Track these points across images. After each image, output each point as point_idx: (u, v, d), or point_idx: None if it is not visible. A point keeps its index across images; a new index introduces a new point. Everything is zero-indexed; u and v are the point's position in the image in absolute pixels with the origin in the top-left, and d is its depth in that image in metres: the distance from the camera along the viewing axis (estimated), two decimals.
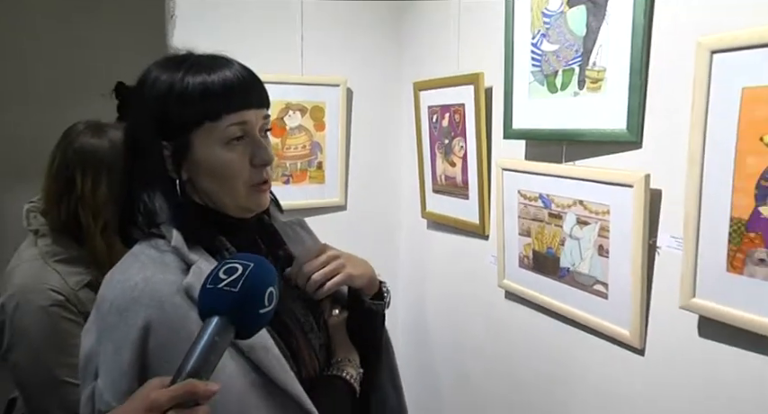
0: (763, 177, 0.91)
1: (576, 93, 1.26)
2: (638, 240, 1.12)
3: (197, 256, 0.79)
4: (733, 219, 0.95)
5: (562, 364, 1.41)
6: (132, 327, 0.73)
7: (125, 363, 0.72)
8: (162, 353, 0.73)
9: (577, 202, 1.28)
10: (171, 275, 0.77)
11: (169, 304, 0.74)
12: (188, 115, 0.78)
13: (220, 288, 0.62)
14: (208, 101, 0.78)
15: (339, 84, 1.99)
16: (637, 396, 1.20)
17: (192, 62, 0.80)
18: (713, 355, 1.04)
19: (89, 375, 0.76)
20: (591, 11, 1.21)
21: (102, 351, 0.75)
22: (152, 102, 0.80)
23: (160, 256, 0.79)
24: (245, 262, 0.64)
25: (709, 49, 0.95)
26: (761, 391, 0.97)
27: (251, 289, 0.62)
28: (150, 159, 0.81)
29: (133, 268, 0.78)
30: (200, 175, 0.82)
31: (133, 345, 0.72)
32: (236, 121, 0.79)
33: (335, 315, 0.98)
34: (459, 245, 1.84)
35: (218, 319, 0.61)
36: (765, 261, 0.92)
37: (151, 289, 0.75)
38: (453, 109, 1.73)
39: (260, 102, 0.83)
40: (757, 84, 0.90)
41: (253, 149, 0.82)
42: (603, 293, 1.23)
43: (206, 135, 0.79)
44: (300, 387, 0.79)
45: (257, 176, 0.83)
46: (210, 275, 0.63)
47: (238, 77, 0.80)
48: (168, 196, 0.82)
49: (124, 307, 0.74)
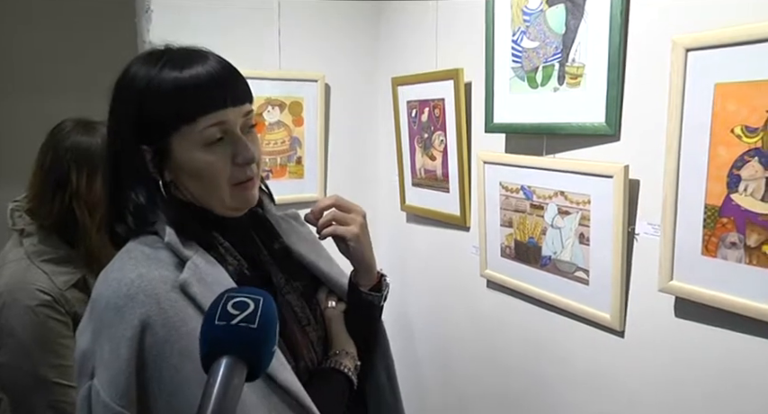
0: (735, 166, 0.98)
1: (556, 88, 1.31)
2: (618, 228, 1.19)
3: (191, 252, 0.78)
4: (707, 205, 1.02)
5: (545, 349, 1.47)
6: (129, 324, 0.72)
7: (123, 360, 0.71)
8: (159, 350, 0.72)
9: (559, 193, 1.33)
10: (166, 271, 0.76)
11: (165, 300, 0.73)
12: (163, 118, 0.76)
13: (235, 325, 0.57)
14: (181, 103, 0.76)
15: (317, 79, 2.00)
16: (618, 376, 1.27)
17: (167, 59, 0.78)
18: (688, 333, 1.11)
19: (85, 374, 0.75)
20: (570, 9, 1.26)
21: (99, 349, 0.73)
22: (129, 101, 0.79)
23: (154, 252, 0.78)
24: (253, 296, 0.60)
25: (684, 47, 1.01)
26: (731, 365, 1.04)
27: (267, 325, 0.58)
28: (132, 161, 0.80)
29: (128, 265, 0.76)
30: (184, 177, 0.80)
31: (130, 342, 0.71)
32: (213, 122, 0.77)
33: (332, 307, 0.98)
34: (439, 237, 1.88)
35: (230, 359, 0.55)
36: (737, 244, 0.99)
37: (147, 285, 0.74)
38: (433, 104, 1.76)
39: (238, 98, 0.79)
40: (729, 80, 0.97)
41: (234, 148, 0.79)
42: (585, 280, 1.30)
43: (184, 139, 0.77)
44: (300, 385, 0.79)
45: (241, 175, 0.81)
46: (216, 311, 0.58)
47: (212, 75, 0.77)
48: (155, 196, 0.80)
49: (121, 304, 0.73)
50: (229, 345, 0.55)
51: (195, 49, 0.81)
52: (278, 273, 0.91)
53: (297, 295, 0.92)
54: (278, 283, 0.90)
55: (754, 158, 0.95)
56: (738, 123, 0.97)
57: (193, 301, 0.75)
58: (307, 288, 0.95)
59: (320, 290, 0.99)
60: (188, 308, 0.74)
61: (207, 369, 0.55)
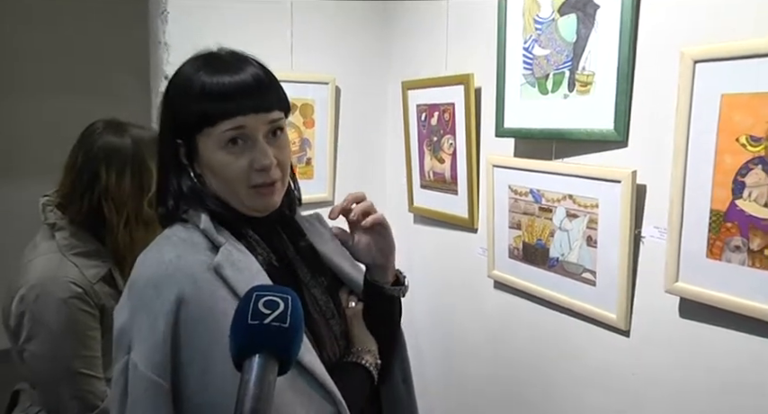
0: (739, 173, 1.03)
1: (567, 95, 1.36)
2: (625, 231, 1.23)
3: (224, 239, 0.84)
4: (713, 210, 1.07)
5: (551, 347, 1.51)
6: (166, 300, 0.77)
7: (159, 334, 0.76)
8: (193, 326, 0.77)
9: (567, 197, 1.38)
10: (201, 255, 0.81)
11: (201, 280, 0.79)
12: (191, 118, 0.83)
13: (268, 324, 0.59)
14: (205, 107, 0.81)
15: (328, 81, 2.04)
16: (623, 375, 1.31)
17: (207, 63, 0.84)
18: (693, 333, 1.16)
19: (122, 349, 0.79)
20: (581, 19, 1.31)
21: (137, 324, 0.78)
22: (170, 97, 0.87)
23: (189, 237, 0.84)
24: (282, 295, 0.61)
25: (692, 58, 1.06)
26: (735, 365, 1.09)
27: (297, 323, 0.60)
28: (170, 153, 0.87)
29: (166, 248, 0.82)
30: (208, 174, 0.86)
31: (167, 316, 0.76)
32: (232, 126, 0.81)
33: (351, 307, 1.02)
34: (446, 238, 1.92)
35: (263, 357, 0.57)
36: (740, 248, 1.04)
37: (184, 265, 0.79)
38: (443, 108, 1.81)
39: (261, 106, 0.83)
40: (735, 91, 1.01)
41: (252, 154, 0.83)
42: (592, 281, 1.34)
43: (207, 138, 0.83)
44: (325, 370, 0.83)
45: (258, 179, 0.84)
46: (247, 310, 0.59)
47: (239, 84, 0.81)
48: (191, 186, 0.87)
49: (159, 282, 0.78)
50: (263, 343, 0.58)
51: (239, 55, 0.86)
52: (303, 268, 0.95)
53: (322, 290, 0.96)
54: (303, 277, 0.94)
55: (757, 166, 1.00)
56: (743, 133, 1.01)
57: (226, 283, 0.79)
58: (331, 284, 0.99)
59: (342, 289, 1.03)
60: (221, 289, 0.79)
61: (239, 366, 0.58)
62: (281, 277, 0.87)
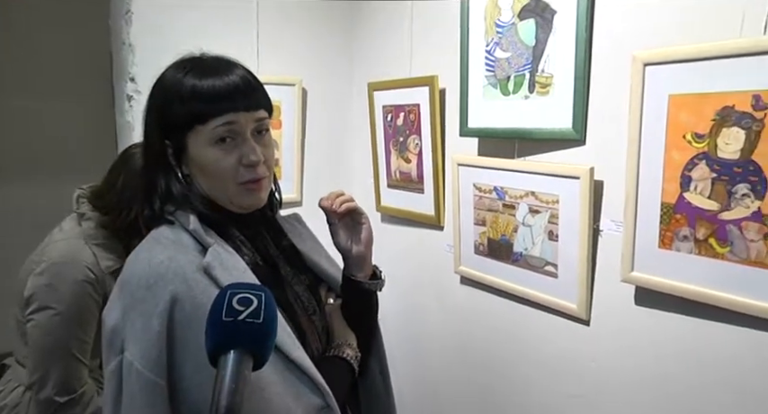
0: (686, 168, 1.10)
1: (527, 96, 1.42)
2: (584, 225, 1.30)
3: (212, 240, 0.86)
4: (663, 203, 1.14)
5: (516, 339, 1.57)
6: (160, 299, 0.78)
7: (155, 332, 0.77)
8: (187, 325, 0.78)
9: (529, 193, 1.44)
10: (190, 256, 0.83)
11: (192, 280, 0.81)
12: (180, 118, 0.85)
13: (242, 320, 0.60)
14: (196, 106, 0.84)
15: (294, 83, 2.06)
16: (584, 361, 1.38)
17: (194, 66, 0.87)
18: (647, 319, 1.23)
19: (114, 350, 0.80)
20: (539, 24, 1.37)
21: (129, 325, 0.79)
22: (157, 102, 0.88)
23: (178, 238, 0.86)
24: (255, 292, 0.63)
25: (642, 61, 1.13)
26: (686, 347, 1.16)
27: (270, 318, 0.62)
28: (158, 155, 0.88)
29: (156, 248, 0.84)
30: (196, 172, 0.88)
31: (162, 315, 0.77)
32: (222, 122, 0.84)
33: (330, 303, 1.05)
34: (414, 236, 1.97)
35: (238, 353, 0.59)
36: (688, 238, 1.12)
37: (176, 266, 0.81)
38: (408, 109, 1.85)
39: (250, 105, 0.87)
40: (681, 92, 1.09)
41: (241, 150, 0.86)
42: (554, 273, 1.40)
43: (197, 136, 0.85)
44: (312, 364, 0.86)
45: (246, 175, 0.87)
46: (221, 307, 0.61)
47: (228, 85, 0.84)
48: (178, 186, 0.89)
49: (152, 282, 0.79)
50: (238, 339, 0.59)
51: (225, 59, 0.89)
52: (286, 266, 0.98)
53: (304, 287, 0.99)
54: (287, 275, 0.97)
55: (702, 161, 1.08)
56: (689, 130, 1.09)
57: (216, 283, 0.81)
58: (312, 282, 1.02)
59: (320, 286, 1.06)
60: (212, 288, 0.81)
61: (214, 362, 0.60)
62: (265, 276, 0.90)
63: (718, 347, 1.11)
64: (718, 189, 1.06)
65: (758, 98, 0.99)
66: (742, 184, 1.03)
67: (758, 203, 1.01)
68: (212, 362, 0.60)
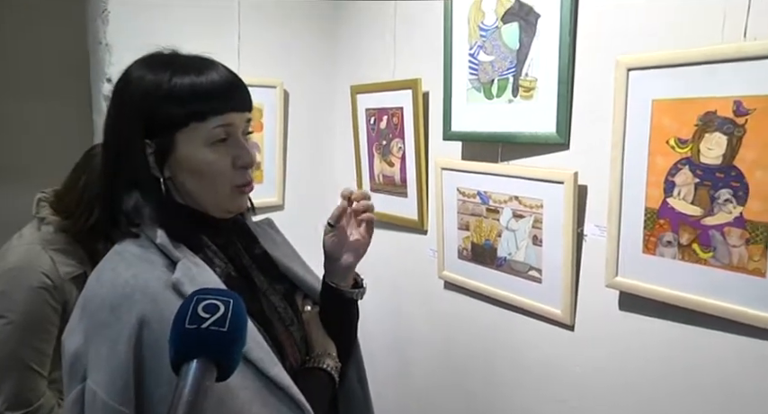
0: (670, 173, 1.10)
1: (511, 100, 1.41)
2: (568, 230, 1.29)
3: (181, 254, 0.80)
4: (647, 208, 1.14)
5: (500, 344, 1.56)
6: (127, 323, 0.73)
7: (122, 360, 0.72)
8: (156, 346, 0.73)
9: (513, 198, 1.43)
10: (158, 272, 0.78)
11: (161, 299, 0.75)
12: (175, 115, 0.80)
13: (206, 328, 0.57)
14: (196, 102, 0.80)
15: (276, 85, 2.03)
16: (568, 367, 1.37)
17: (181, 63, 0.82)
18: (631, 324, 1.23)
19: (76, 376, 0.75)
20: (523, 27, 1.36)
21: (94, 350, 0.74)
22: (137, 100, 0.81)
23: (144, 253, 0.80)
24: (223, 298, 0.60)
25: (626, 66, 1.13)
26: (669, 352, 1.16)
27: (237, 327, 0.59)
28: (133, 157, 0.82)
29: (120, 266, 0.78)
30: (183, 174, 0.83)
31: (129, 340, 0.72)
32: (222, 123, 0.81)
33: (308, 310, 1.02)
34: (397, 240, 1.95)
35: (200, 362, 0.56)
36: (672, 243, 1.11)
37: (142, 284, 0.75)
38: (391, 112, 1.83)
39: (244, 105, 0.85)
40: (665, 97, 1.09)
41: (236, 151, 0.83)
42: (538, 278, 1.40)
43: (191, 135, 0.80)
44: (290, 380, 0.82)
45: (240, 178, 0.85)
46: (186, 314, 0.58)
47: (225, 80, 0.82)
48: (150, 195, 0.82)
49: (117, 304, 0.74)
50: (200, 348, 0.56)
51: (206, 57, 0.85)
52: (260, 276, 0.94)
53: (279, 297, 0.95)
54: (261, 285, 0.93)
55: (685, 167, 1.08)
56: (672, 135, 1.09)
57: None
58: (288, 291, 0.99)
59: (296, 293, 1.03)
60: None
61: (177, 371, 0.56)
62: (239, 288, 0.85)
63: (702, 352, 1.11)
64: (701, 194, 1.06)
65: (739, 104, 0.99)
66: (724, 190, 1.03)
67: (740, 209, 1.01)
68: (175, 371, 0.57)
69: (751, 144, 0.98)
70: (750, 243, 1.00)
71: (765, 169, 0.97)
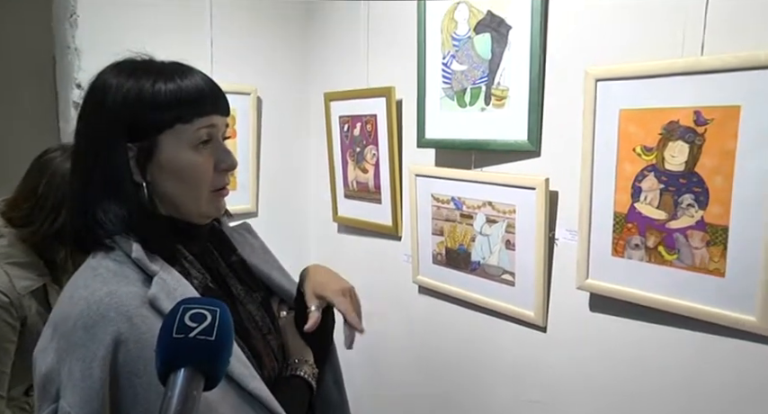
0: (637, 179, 1.15)
1: (484, 108, 1.45)
2: (540, 234, 1.33)
3: (158, 267, 0.79)
4: (616, 213, 1.19)
5: (475, 347, 1.59)
6: (101, 342, 0.71)
7: (96, 380, 0.70)
8: (132, 366, 0.72)
9: (486, 204, 1.47)
10: (134, 287, 0.76)
11: (137, 316, 0.74)
12: (161, 118, 0.79)
13: (193, 337, 0.57)
14: (182, 105, 0.79)
15: (249, 92, 2.02)
16: (541, 367, 1.41)
17: (162, 69, 0.82)
18: (602, 325, 1.27)
19: (48, 397, 0.73)
20: (495, 38, 1.41)
21: (67, 370, 0.72)
22: (119, 106, 0.79)
23: (119, 268, 0.78)
24: (210, 307, 0.60)
25: (594, 77, 1.18)
26: (638, 351, 1.21)
27: (224, 336, 0.59)
28: (113, 163, 0.80)
29: (95, 283, 0.76)
30: (165, 177, 0.82)
31: (104, 360, 0.71)
32: (206, 124, 0.81)
33: (283, 316, 1.02)
34: (371, 246, 1.96)
35: (188, 371, 0.56)
36: (639, 246, 1.17)
37: (117, 302, 0.74)
38: (365, 119, 1.85)
39: (225, 109, 0.86)
40: (631, 106, 1.14)
41: (218, 154, 0.83)
42: (511, 282, 1.43)
43: (175, 136, 0.80)
44: (270, 393, 0.82)
45: (220, 181, 0.85)
46: (173, 323, 0.58)
47: (207, 84, 0.83)
48: (129, 202, 0.81)
49: (91, 323, 0.72)
50: (188, 357, 0.56)
51: (184, 64, 0.85)
52: (237, 284, 0.94)
53: (257, 305, 0.95)
54: (238, 294, 0.93)
55: (651, 173, 1.13)
56: (638, 143, 1.14)
57: (164, 316, 0.74)
58: (265, 298, 0.99)
59: (272, 299, 1.03)
60: (159, 323, 0.74)
61: (164, 380, 0.56)
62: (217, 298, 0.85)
63: (668, 350, 1.16)
64: (665, 199, 1.11)
65: (699, 114, 1.05)
66: (687, 195, 1.09)
67: (701, 213, 1.07)
68: (162, 381, 0.57)
69: (710, 152, 1.04)
70: (710, 245, 1.06)
71: (724, 175, 1.03)
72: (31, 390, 1.32)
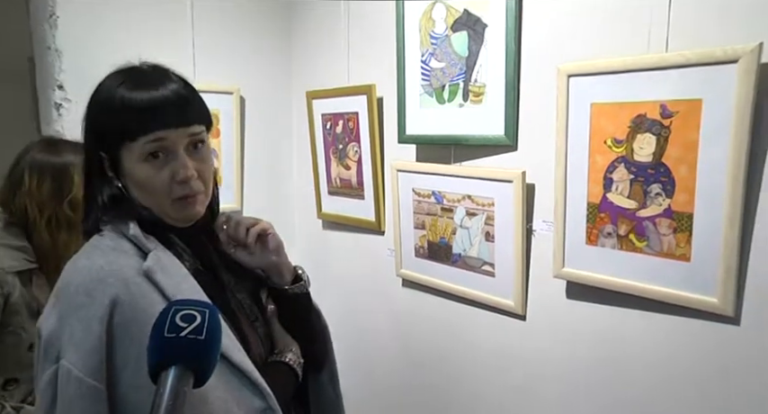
0: (608, 170, 1.20)
1: (462, 104, 1.49)
2: (518, 226, 1.38)
3: (153, 245, 0.85)
4: (589, 203, 1.24)
5: (457, 337, 1.64)
6: (100, 303, 0.77)
7: (95, 337, 0.76)
8: (126, 329, 0.77)
9: (466, 197, 1.51)
10: (131, 260, 0.82)
11: (133, 284, 0.80)
12: (112, 132, 0.83)
13: (183, 336, 0.61)
14: (125, 121, 0.82)
15: (232, 91, 2.04)
16: (522, 354, 1.46)
17: (128, 77, 0.84)
18: (578, 311, 1.33)
19: (49, 359, 0.78)
20: (471, 36, 1.45)
21: (68, 331, 0.77)
22: (91, 111, 0.87)
23: (118, 244, 0.84)
24: (199, 308, 0.64)
25: (566, 73, 1.23)
26: (614, 335, 1.27)
27: (213, 335, 0.62)
28: (93, 168, 0.88)
29: (95, 255, 0.83)
30: (131, 186, 0.87)
31: (102, 320, 0.77)
32: (152, 139, 0.82)
33: (271, 309, 1.04)
34: (355, 242, 2.00)
35: (178, 369, 0.59)
36: (611, 234, 1.22)
37: (116, 270, 0.80)
38: (347, 117, 1.88)
39: (181, 121, 0.84)
40: (602, 101, 1.19)
41: (173, 166, 0.84)
42: (491, 272, 1.48)
43: (129, 152, 0.83)
44: (253, 366, 0.85)
45: (179, 191, 0.85)
46: (164, 323, 0.61)
47: (158, 99, 0.82)
48: (116, 196, 0.87)
49: (91, 287, 0.78)
50: (178, 356, 0.60)
51: (160, 69, 0.86)
52: (227, 273, 0.98)
53: (245, 294, 0.99)
54: (228, 282, 0.97)
55: (621, 164, 1.18)
56: (609, 136, 1.19)
57: (157, 287, 0.80)
58: (254, 288, 1.02)
59: (261, 292, 1.06)
60: (153, 293, 0.80)
61: (155, 378, 0.60)
62: (206, 282, 0.89)
63: (642, 333, 1.22)
64: (635, 189, 1.17)
65: (664, 107, 1.11)
66: (655, 185, 1.14)
67: (668, 201, 1.12)
68: (153, 379, 0.60)
69: (676, 143, 1.10)
70: (677, 232, 1.11)
71: (688, 165, 1.08)
72: (8, 384, 1.34)
